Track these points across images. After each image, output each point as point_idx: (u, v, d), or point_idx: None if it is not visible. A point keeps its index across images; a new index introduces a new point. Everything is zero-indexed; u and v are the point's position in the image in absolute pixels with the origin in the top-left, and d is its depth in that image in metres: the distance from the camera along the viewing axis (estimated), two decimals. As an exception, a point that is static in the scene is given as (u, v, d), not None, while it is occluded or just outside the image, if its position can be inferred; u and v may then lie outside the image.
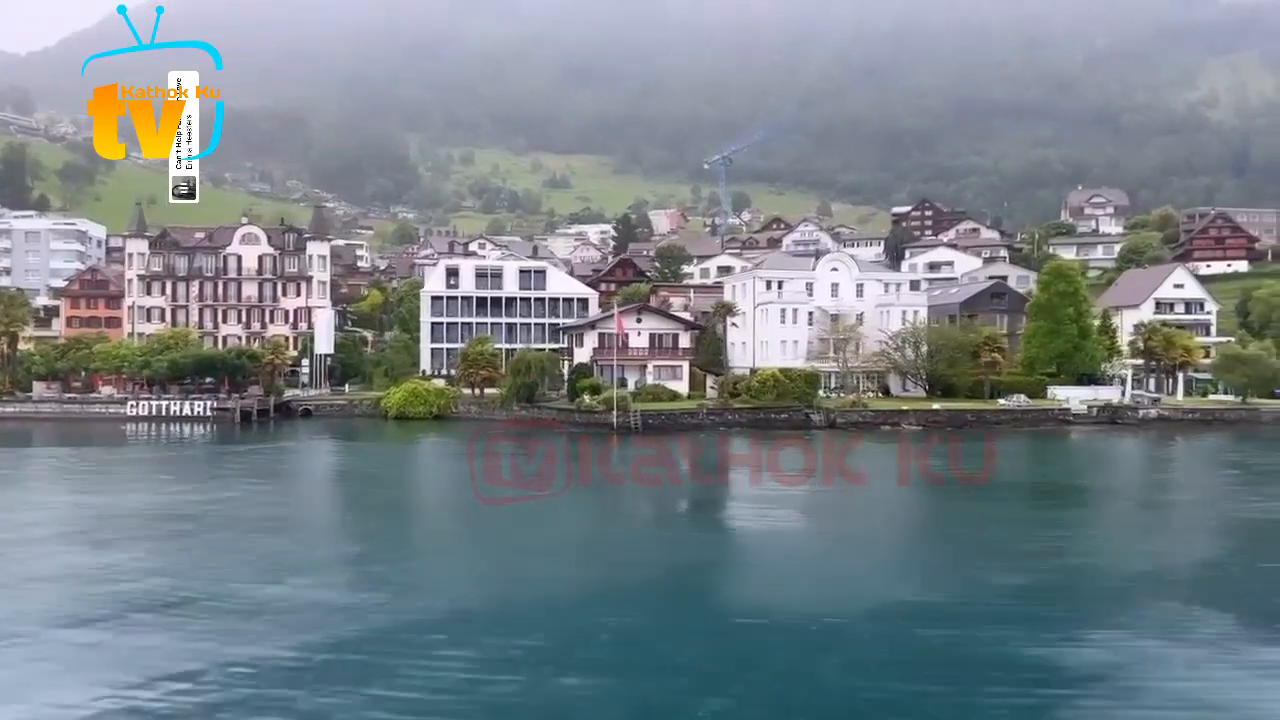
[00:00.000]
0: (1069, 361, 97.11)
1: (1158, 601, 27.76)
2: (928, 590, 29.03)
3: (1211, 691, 20.19)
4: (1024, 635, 23.96)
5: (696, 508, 46.88)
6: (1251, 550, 36.60)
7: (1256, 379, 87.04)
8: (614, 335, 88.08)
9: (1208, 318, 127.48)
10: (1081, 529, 41.32)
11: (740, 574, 32.17)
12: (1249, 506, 47.34)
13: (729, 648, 23.20)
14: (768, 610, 26.34)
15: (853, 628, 24.82)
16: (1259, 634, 24.32)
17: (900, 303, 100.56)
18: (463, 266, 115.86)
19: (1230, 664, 21.95)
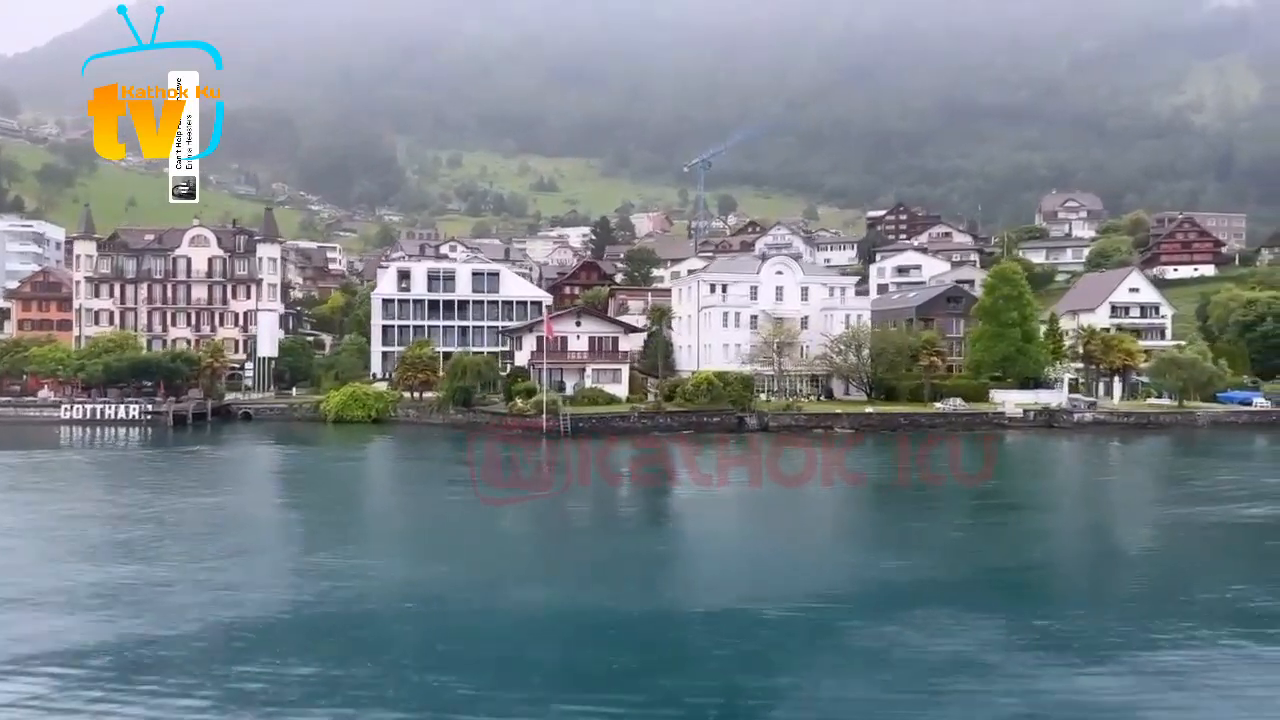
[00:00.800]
0: (1013, 365, 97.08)
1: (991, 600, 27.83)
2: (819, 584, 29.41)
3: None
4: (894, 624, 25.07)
5: (578, 513, 46.79)
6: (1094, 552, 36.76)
7: (1192, 382, 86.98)
8: (555, 338, 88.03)
9: (1163, 321, 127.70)
10: (953, 528, 41.28)
11: (629, 576, 32.09)
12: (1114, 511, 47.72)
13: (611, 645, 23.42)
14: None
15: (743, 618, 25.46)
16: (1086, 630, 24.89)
17: (844, 306, 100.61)
18: (414, 269, 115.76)
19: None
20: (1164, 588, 30.98)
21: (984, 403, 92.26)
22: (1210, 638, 24.60)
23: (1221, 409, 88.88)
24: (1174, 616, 26.56)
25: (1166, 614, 26.93)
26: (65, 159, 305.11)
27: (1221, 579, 31.49)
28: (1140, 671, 22.09)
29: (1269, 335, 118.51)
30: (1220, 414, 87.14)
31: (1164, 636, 24.62)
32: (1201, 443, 77.20)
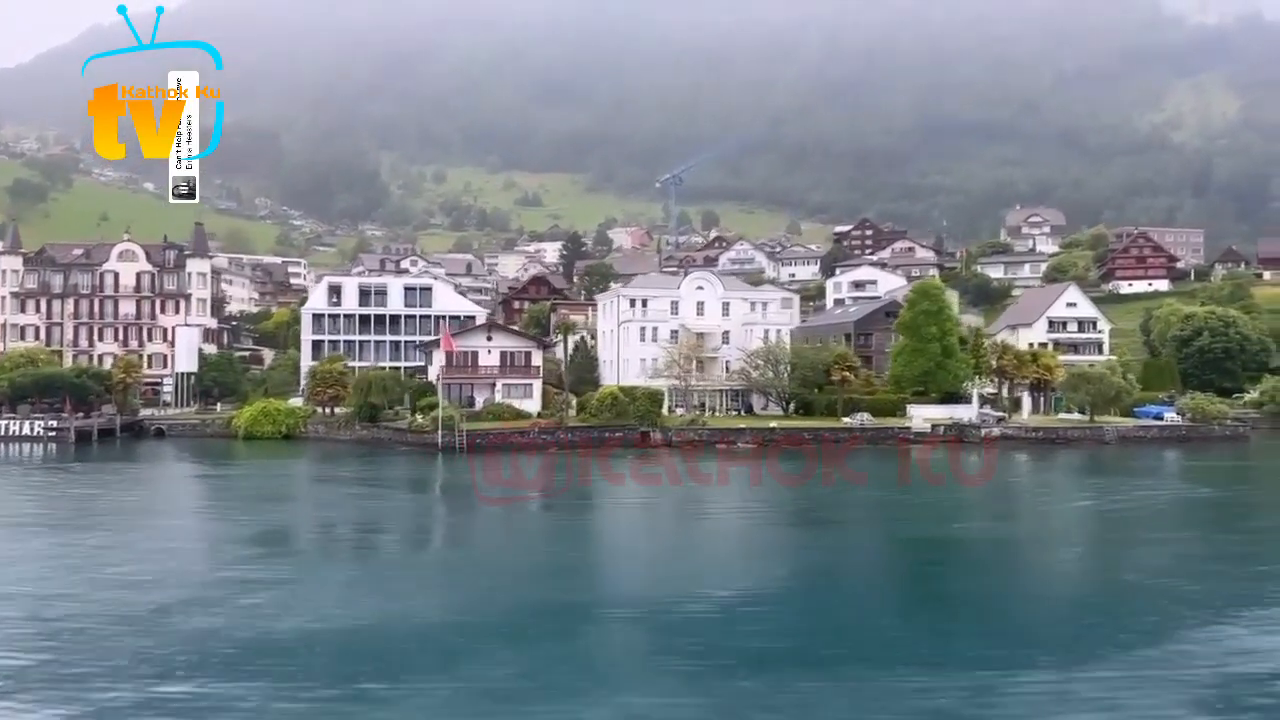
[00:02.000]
0: (932, 379, 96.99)
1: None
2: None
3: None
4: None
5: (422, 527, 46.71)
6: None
7: (1100, 397, 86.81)
8: (464, 353, 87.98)
9: (1100, 336, 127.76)
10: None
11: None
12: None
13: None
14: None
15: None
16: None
17: (765, 321, 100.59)
18: (345, 284, 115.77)
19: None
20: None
21: (899, 417, 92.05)
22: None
23: (1131, 424, 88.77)
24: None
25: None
26: (41, 174, 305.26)
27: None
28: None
29: (1204, 350, 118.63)
30: (1129, 429, 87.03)
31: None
32: (1090, 458, 76.92)
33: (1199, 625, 27.14)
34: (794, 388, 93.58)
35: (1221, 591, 31.85)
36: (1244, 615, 28.14)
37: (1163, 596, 31.24)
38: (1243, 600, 30.12)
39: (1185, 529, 47.06)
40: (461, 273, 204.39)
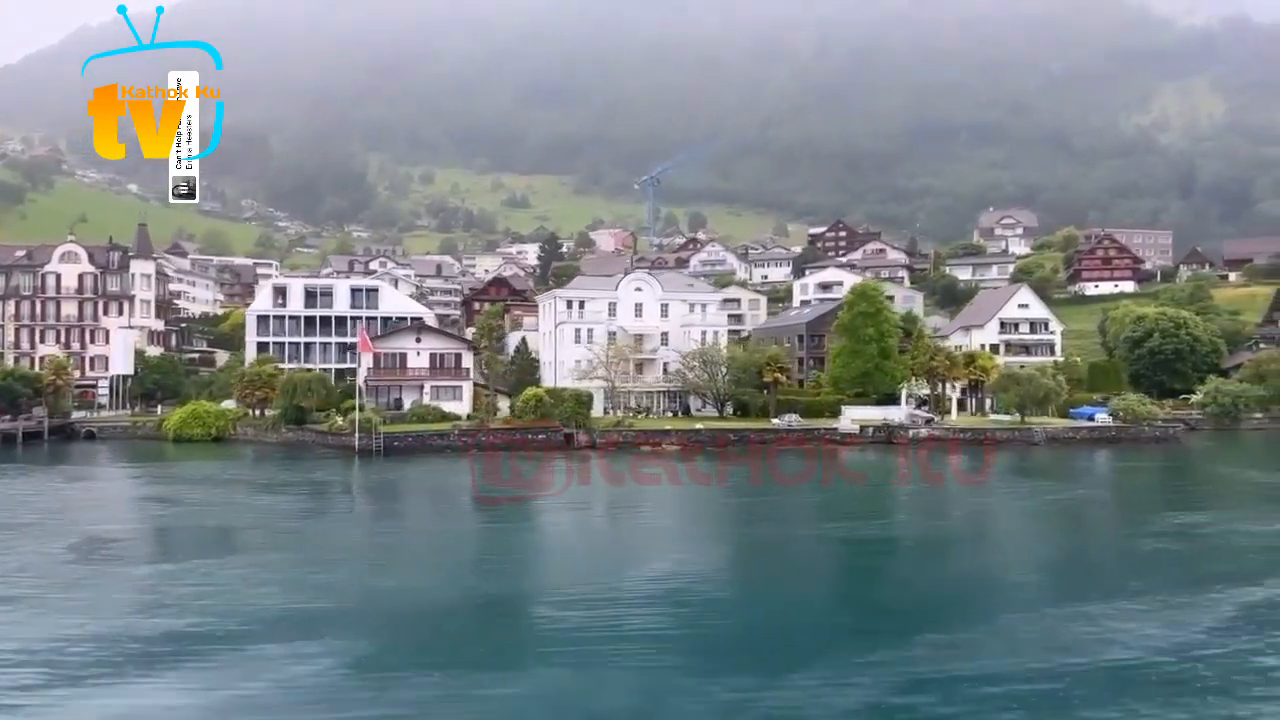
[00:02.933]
0: (870, 380, 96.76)
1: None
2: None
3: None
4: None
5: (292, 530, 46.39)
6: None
7: (1029, 398, 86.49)
8: (393, 355, 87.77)
9: (1052, 337, 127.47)
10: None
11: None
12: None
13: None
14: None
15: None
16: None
17: (702, 323, 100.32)
18: (291, 285, 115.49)
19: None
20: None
21: (832, 418, 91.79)
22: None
23: (1062, 425, 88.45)
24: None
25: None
26: (21, 175, 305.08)
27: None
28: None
29: (1155, 351, 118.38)
30: (1059, 430, 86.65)
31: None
32: (1011, 458, 76.44)
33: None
34: (729, 389, 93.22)
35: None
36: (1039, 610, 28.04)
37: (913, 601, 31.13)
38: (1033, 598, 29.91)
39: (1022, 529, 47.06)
40: (431, 274, 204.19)
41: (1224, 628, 26.64)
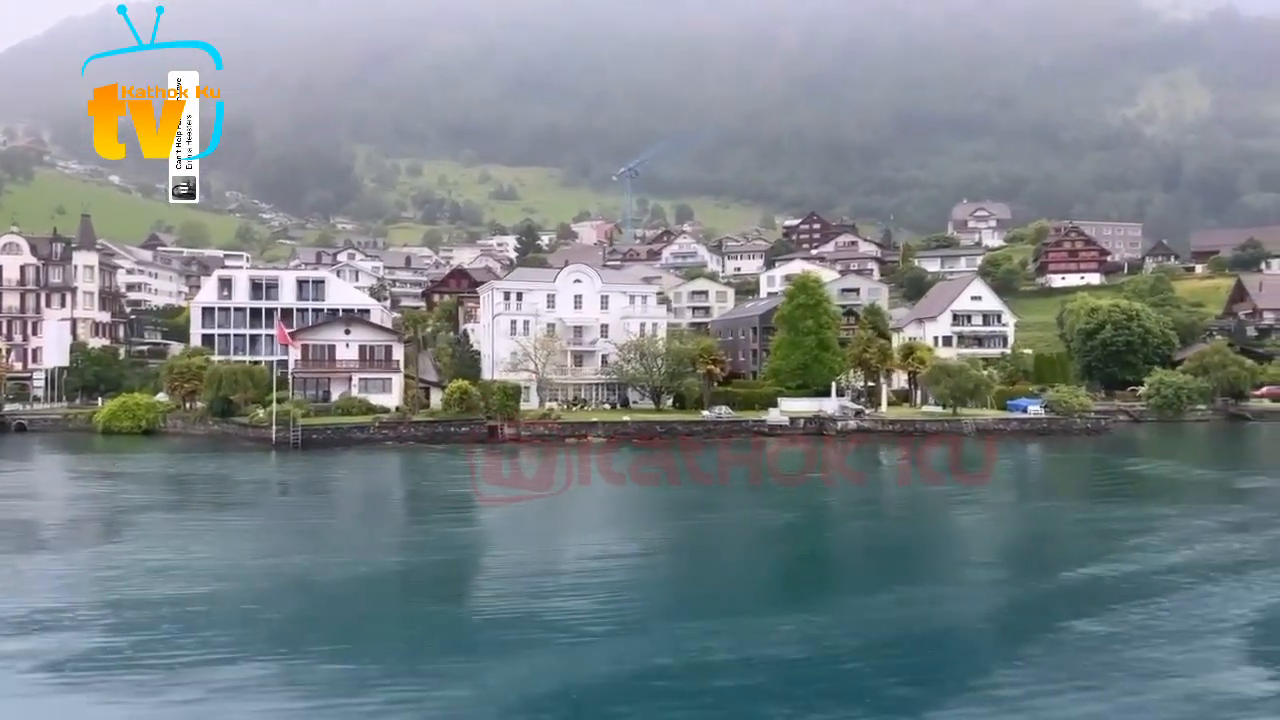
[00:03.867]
0: (808, 372, 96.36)
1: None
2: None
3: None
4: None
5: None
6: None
7: (959, 390, 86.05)
8: (321, 347, 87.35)
9: (1004, 329, 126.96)
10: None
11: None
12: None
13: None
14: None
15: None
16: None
17: (642, 315, 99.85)
18: (236, 277, 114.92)
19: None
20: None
21: (763, 410, 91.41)
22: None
23: (993, 416, 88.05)
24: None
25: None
26: (1, 167, 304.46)
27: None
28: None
29: (1107, 343, 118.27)
30: (989, 422, 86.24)
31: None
32: (930, 450, 76.01)
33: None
34: (664, 381, 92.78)
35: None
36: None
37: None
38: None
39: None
40: (400, 265, 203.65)
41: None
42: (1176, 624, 25.58)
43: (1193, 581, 30.56)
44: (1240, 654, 23.28)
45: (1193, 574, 31.67)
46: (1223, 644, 23.87)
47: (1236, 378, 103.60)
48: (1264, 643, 24.14)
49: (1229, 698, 20.22)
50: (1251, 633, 24.82)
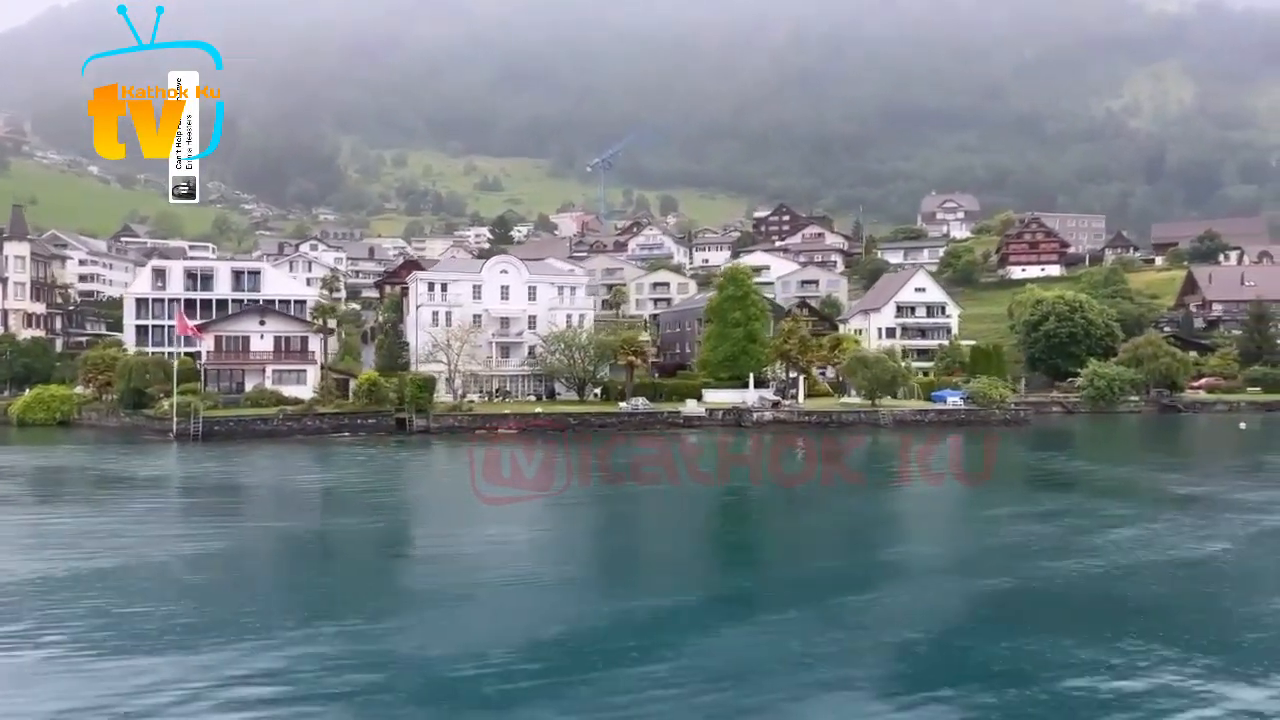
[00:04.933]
0: (736, 364, 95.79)
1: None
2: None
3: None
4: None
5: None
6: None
7: (875, 381, 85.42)
8: (234, 338, 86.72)
9: (948, 320, 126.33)
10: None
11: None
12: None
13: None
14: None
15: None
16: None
17: (569, 306, 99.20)
18: (170, 267, 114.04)
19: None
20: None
21: (673, 402, 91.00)
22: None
23: (910, 407, 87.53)
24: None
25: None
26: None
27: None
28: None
29: (1050, 335, 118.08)
30: (906, 413, 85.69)
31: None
32: (834, 443, 75.42)
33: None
34: (585, 372, 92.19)
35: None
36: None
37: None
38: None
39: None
40: (364, 256, 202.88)
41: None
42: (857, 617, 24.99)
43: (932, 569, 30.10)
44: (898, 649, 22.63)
45: (942, 561, 31.22)
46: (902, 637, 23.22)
47: (1169, 369, 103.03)
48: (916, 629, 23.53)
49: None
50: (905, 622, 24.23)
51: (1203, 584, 28.86)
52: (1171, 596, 27.38)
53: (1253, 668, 20.35)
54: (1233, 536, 35.60)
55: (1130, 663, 20.67)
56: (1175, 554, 32.46)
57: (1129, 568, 30.23)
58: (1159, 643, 22.04)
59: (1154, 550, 32.91)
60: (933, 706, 18.50)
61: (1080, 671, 20.06)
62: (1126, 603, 26.18)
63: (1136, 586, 28.08)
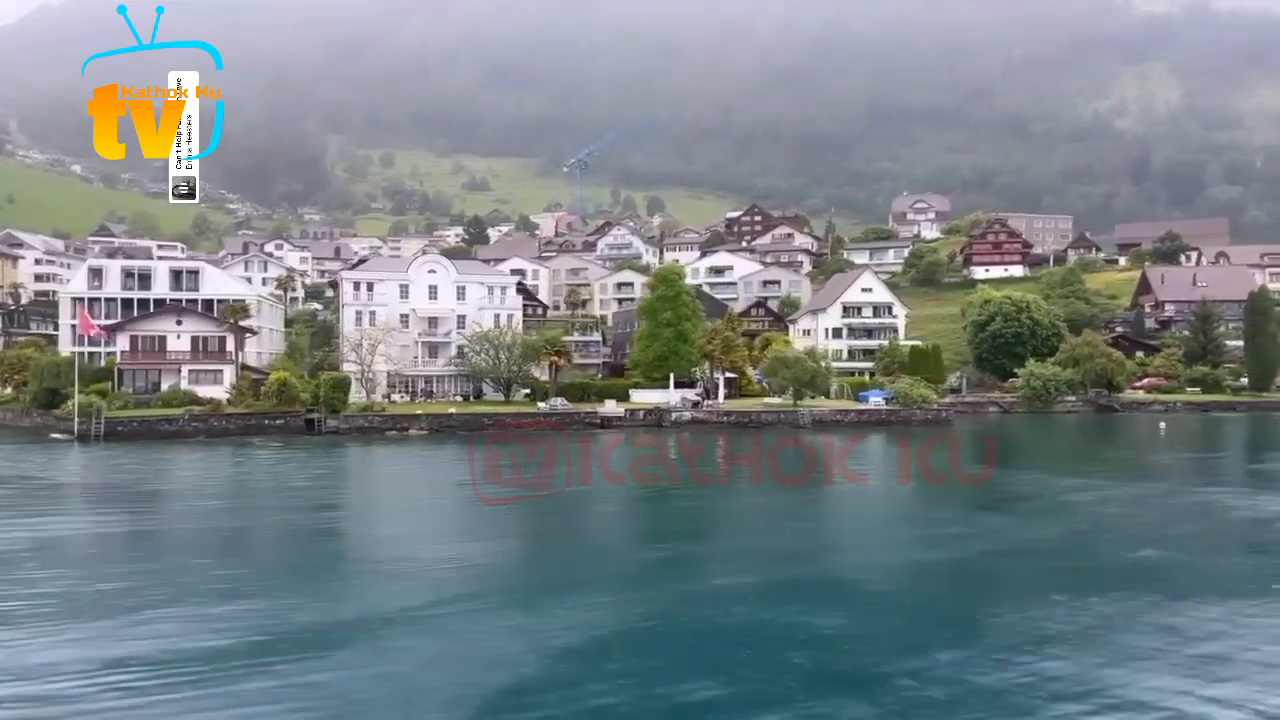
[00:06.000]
0: (666, 364, 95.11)
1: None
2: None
3: None
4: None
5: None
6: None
7: (795, 381, 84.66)
8: (150, 338, 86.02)
9: (895, 321, 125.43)
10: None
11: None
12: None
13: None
14: None
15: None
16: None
17: (499, 306, 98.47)
18: (108, 266, 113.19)
19: None
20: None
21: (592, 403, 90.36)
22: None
23: (830, 407, 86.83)
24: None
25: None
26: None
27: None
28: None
29: (997, 335, 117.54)
30: (826, 413, 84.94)
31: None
32: (743, 442, 74.56)
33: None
34: (510, 372, 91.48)
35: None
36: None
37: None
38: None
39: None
40: (330, 256, 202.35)
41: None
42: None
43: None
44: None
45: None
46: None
47: (1105, 369, 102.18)
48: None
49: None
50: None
51: (932, 584, 29.28)
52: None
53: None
54: (1008, 536, 36.15)
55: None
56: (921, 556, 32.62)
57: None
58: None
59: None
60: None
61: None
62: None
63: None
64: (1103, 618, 24.09)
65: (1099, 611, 24.68)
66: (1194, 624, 23.44)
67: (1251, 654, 21.18)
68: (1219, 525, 39.87)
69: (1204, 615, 24.21)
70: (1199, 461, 66.25)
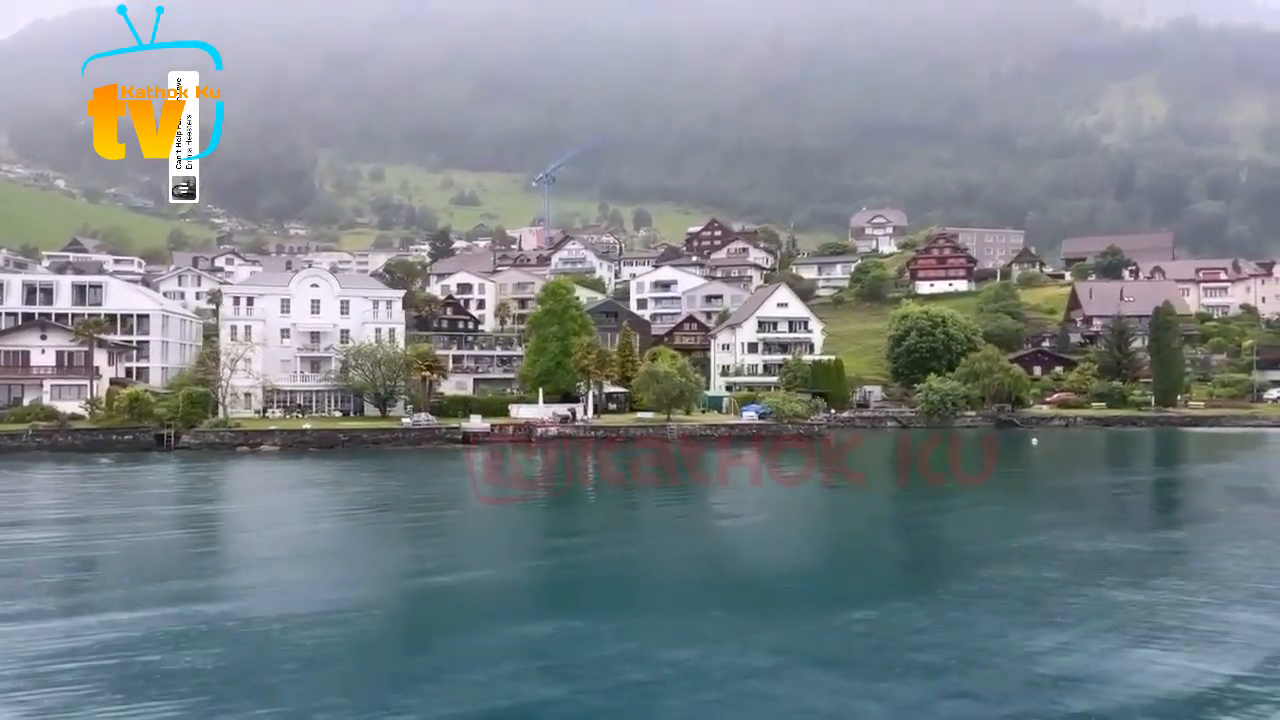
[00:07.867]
0: (551, 378, 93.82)
1: None
2: None
3: None
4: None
5: None
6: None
7: (664, 396, 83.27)
8: (14, 353, 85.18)
9: (810, 336, 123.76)
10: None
11: None
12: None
13: None
14: None
15: None
16: None
17: (384, 321, 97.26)
18: (9, 281, 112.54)
19: None
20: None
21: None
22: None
23: (699, 422, 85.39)
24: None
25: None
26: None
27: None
28: None
29: (911, 349, 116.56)
30: (695, 428, 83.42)
31: None
32: (594, 459, 73.07)
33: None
34: (383, 386, 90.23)
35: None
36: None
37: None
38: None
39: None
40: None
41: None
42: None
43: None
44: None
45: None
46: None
47: (1003, 384, 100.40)
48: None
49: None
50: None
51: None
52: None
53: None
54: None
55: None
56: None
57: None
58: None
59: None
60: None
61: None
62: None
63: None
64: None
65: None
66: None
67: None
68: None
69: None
70: (1006, 477, 63.50)
